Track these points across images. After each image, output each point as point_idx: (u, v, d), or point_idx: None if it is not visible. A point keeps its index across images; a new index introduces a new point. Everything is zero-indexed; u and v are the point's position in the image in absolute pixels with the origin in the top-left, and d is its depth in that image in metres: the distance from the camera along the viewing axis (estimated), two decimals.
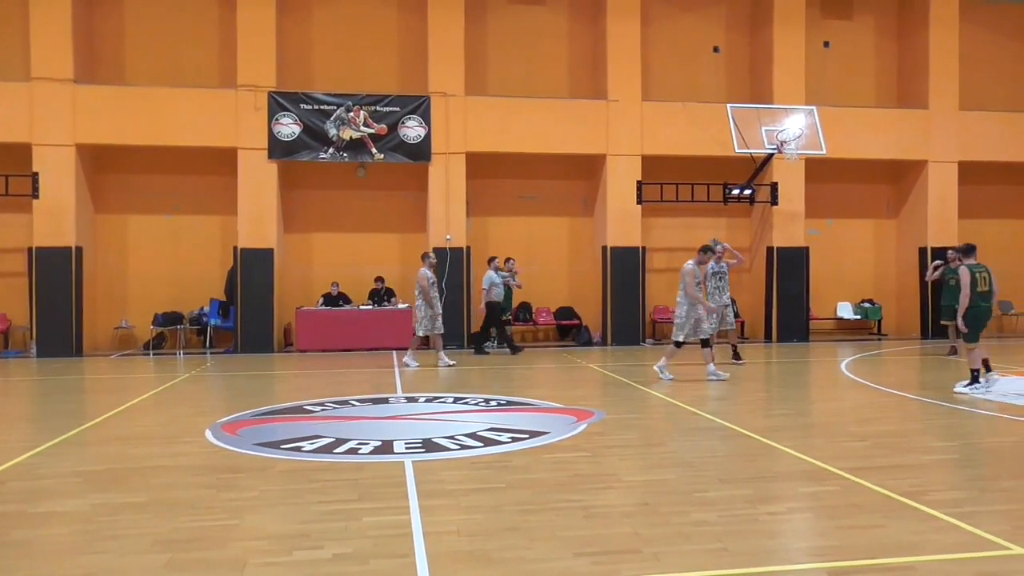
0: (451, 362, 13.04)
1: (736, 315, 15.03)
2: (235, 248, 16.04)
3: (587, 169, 17.70)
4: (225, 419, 8.43)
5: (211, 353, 15.98)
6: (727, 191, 16.84)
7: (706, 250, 11.67)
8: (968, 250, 10.26)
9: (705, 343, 11.26)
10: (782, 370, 12.69)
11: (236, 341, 15.89)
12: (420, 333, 13.11)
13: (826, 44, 18.54)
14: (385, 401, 9.63)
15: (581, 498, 5.40)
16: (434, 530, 4.72)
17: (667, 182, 16.92)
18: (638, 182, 16.87)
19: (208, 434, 7.61)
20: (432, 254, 13.51)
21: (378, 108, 16.28)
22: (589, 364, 13.63)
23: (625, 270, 16.91)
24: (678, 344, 11.31)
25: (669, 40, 18.05)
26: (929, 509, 5.09)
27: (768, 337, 17.52)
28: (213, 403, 10.25)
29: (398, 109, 16.34)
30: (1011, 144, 18.39)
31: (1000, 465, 6.50)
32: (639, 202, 16.90)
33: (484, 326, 15.67)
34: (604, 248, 17.09)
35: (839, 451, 6.89)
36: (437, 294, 13.17)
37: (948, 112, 18.07)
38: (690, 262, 11.24)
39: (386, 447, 6.97)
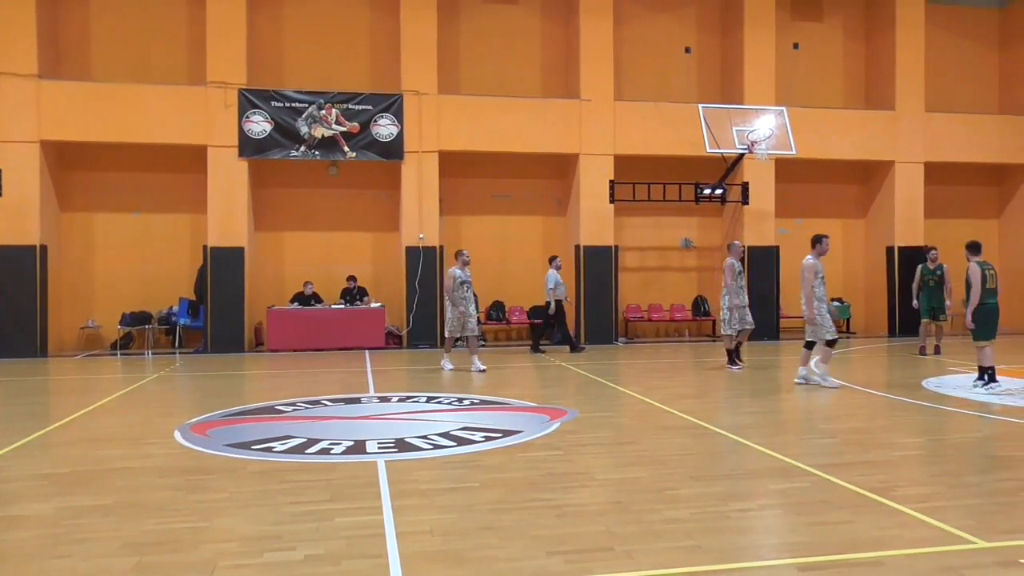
0: (483, 367, 12.30)
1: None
2: (205, 247, 15.86)
3: (560, 168, 17.74)
4: (194, 420, 8.33)
5: (180, 353, 15.78)
6: (699, 191, 16.97)
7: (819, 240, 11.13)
8: (975, 247, 10.35)
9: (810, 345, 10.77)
10: (753, 368, 12.81)
11: (206, 341, 15.71)
12: (446, 334, 12.84)
13: (796, 46, 18.74)
14: (357, 401, 9.58)
15: (554, 497, 5.41)
16: (407, 530, 4.70)
17: (639, 181, 17.01)
18: (611, 181, 16.94)
19: (177, 435, 7.51)
20: (466, 252, 12.76)
21: (350, 106, 16.18)
22: (562, 363, 13.66)
23: (598, 269, 16.97)
24: (830, 343, 10.66)
25: (641, 40, 18.14)
26: (897, 505, 5.16)
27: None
28: (182, 404, 10.12)
29: (371, 107, 16.25)
30: (976, 145, 18.74)
31: (965, 461, 6.61)
32: (612, 201, 16.97)
33: (548, 325, 15.55)
34: (577, 247, 17.15)
35: (809, 448, 6.97)
36: (469, 294, 12.52)
37: (914, 114, 18.36)
38: (810, 257, 10.85)
39: (358, 447, 6.93)
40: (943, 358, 13.76)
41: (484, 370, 12.19)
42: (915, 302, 14.37)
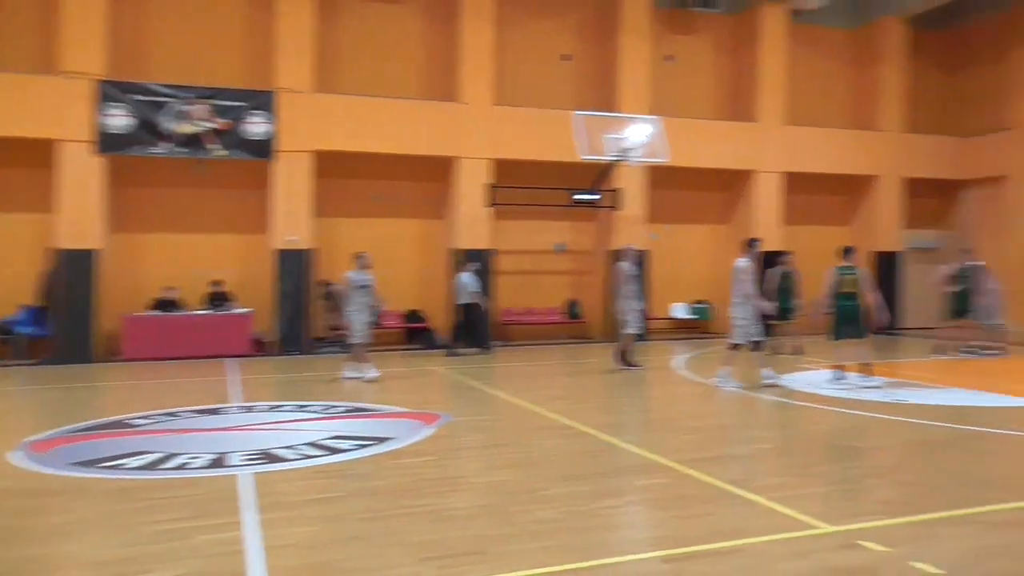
0: (355, 374, 11.73)
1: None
2: (52, 249, 14.75)
3: (438, 171, 17.65)
4: (35, 437, 7.69)
5: (22, 365, 14.62)
6: (573, 196, 17.28)
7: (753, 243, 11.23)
8: (843, 252, 11.11)
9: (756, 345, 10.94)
10: (621, 368, 13.16)
11: (53, 351, 14.61)
12: (354, 341, 11.90)
13: (669, 58, 19.45)
14: (220, 412, 9.17)
15: (427, 502, 5.36)
16: (273, 544, 4.54)
17: (516, 186, 17.17)
18: (489, 185, 17.01)
19: (13, 455, 6.90)
20: (366, 255, 12.09)
21: (220, 102, 15.50)
22: (435, 368, 13.60)
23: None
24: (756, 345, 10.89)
25: (521, 46, 18.31)
26: (753, 495, 5.42)
27: (610, 338, 18.12)
28: (21, 420, 9.38)
29: (241, 103, 15.62)
30: (830, 157, 19.98)
31: (814, 452, 7.04)
32: (489, 205, 17.04)
33: (468, 326, 15.60)
34: (454, 251, 17.12)
35: (674, 444, 7.22)
36: (366, 299, 11.77)
37: (774, 126, 19.40)
38: (743, 260, 10.90)
39: (220, 460, 6.63)
40: (791, 356, 14.59)
41: (358, 378, 11.78)
42: (770, 304, 15.08)
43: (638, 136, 16.48)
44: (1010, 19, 20.48)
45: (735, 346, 10.89)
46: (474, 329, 15.83)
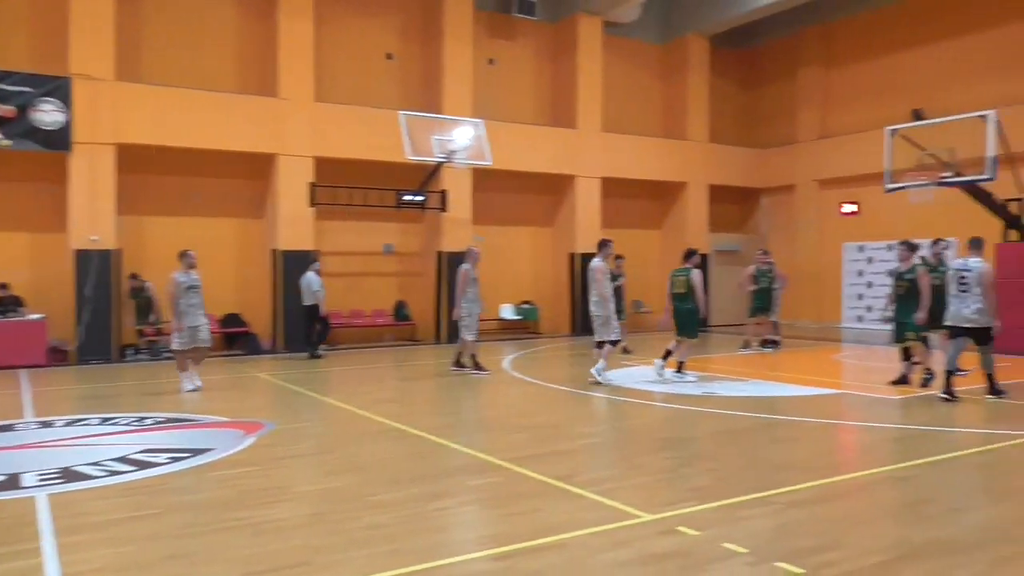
0: (199, 384, 10.87)
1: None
2: None
3: (257, 168, 16.93)
4: None
5: None
6: (399, 197, 17.18)
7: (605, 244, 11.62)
8: (688, 255, 11.67)
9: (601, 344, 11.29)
10: (451, 369, 13.23)
11: None
12: (174, 347, 10.90)
13: (491, 61, 19.78)
14: (10, 428, 8.29)
15: (250, 514, 5.13)
16: (75, 570, 4.16)
17: (341, 185, 16.81)
18: (311, 184, 16.53)
19: None
20: (191, 253, 11.10)
21: (4, 86, 14.02)
22: (258, 373, 13.04)
23: (297, 274, 16.40)
24: (614, 343, 11.33)
25: (343, 43, 17.94)
26: (578, 490, 5.62)
27: (438, 339, 18.19)
28: None
29: (30, 89, 14.20)
30: (644, 164, 21.16)
31: (633, 445, 7.41)
32: (312, 204, 16.56)
33: (326, 327, 15.45)
34: (275, 251, 16.49)
35: (503, 444, 7.35)
36: (197, 300, 10.84)
37: (593, 133, 20.27)
38: (597, 260, 11.27)
39: (12, 481, 6.00)
40: (620, 354, 15.28)
41: (199, 388, 10.84)
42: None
43: (463, 138, 16.65)
44: (797, 42, 22.61)
45: (600, 344, 11.27)
46: (313, 331, 15.48)
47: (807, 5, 20.10)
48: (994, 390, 9.36)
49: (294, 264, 16.28)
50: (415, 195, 17.15)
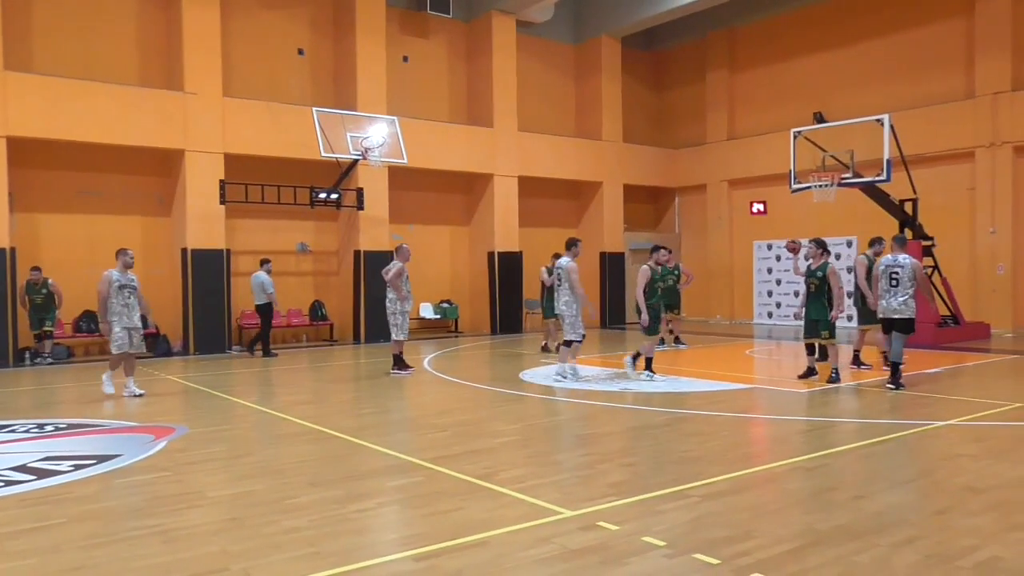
0: (140, 390, 10.26)
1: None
2: None
3: (163, 165, 16.34)
4: None
5: None
6: (314, 194, 16.87)
7: (572, 244, 11.54)
8: (655, 249, 11.68)
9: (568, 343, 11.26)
10: (372, 370, 13.09)
11: None
12: (113, 351, 10.37)
13: (405, 59, 19.63)
14: None
15: (160, 522, 4.95)
16: None
17: (252, 183, 16.38)
18: (221, 181, 16.04)
19: None
20: (129, 252, 10.56)
21: None
22: (168, 376, 12.59)
23: (208, 274, 15.96)
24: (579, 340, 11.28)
25: (252, 36, 17.47)
26: (499, 487, 5.64)
27: (357, 338, 17.95)
28: None
29: None
30: (560, 163, 21.39)
31: (553, 442, 7.48)
32: (222, 202, 16.08)
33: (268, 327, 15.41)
34: (184, 250, 15.94)
35: (423, 443, 7.31)
36: (133, 300, 10.29)
37: (509, 132, 20.36)
38: (567, 259, 11.21)
39: None
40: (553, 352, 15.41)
41: (141, 394, 10.19)
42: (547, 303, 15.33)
43: (378, 136, 16.47)
44: (705, 45, 23.28)
45: (568, 342, 11.30)
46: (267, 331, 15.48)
47: (714, 10, 20.73)
48: (895, 381, 9.84)
49: (204, 263, 15.80)
50: (330, 193, 16.87)
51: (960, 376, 11.20)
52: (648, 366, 11.16)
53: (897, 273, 9.83)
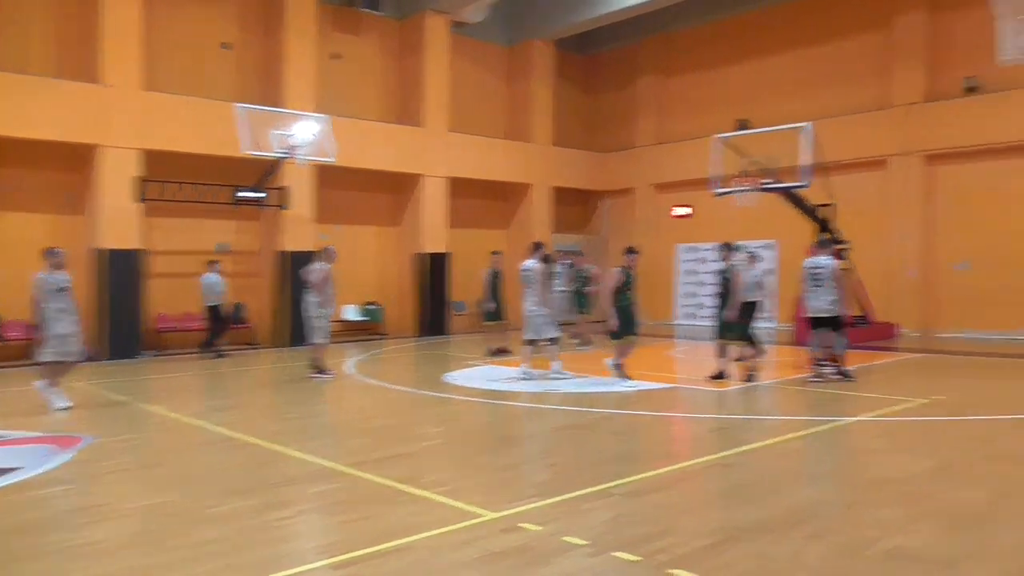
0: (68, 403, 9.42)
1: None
2: None
3: (75, 160, 15.62)
4: None
5: None
6: (236, 193, 16.40)
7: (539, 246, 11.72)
8: (630, 251, 11.52)
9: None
10: (293, 374, 12.81)
11: None
12: (45, 358, 9.39)
13: (336, 56, 19.30)
14: None
15: (63, 537, 4.72)
16: None
17: (172, 180, 15.84)
18: (138, 178, 15.46)
19: None
20: (59, 251, 9.61)
21: None
22: (75, 382, 12.04)
23: (122, 275, 15.33)
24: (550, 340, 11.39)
25: (174, 29, 16.89)
26: (422, 491, 5.58)
27: (279, 342, 17.53)
28: None
29: None
30: (490, 165, 21.31)
31: (476, 444, 7.45)
32: (140, 200, 15.50)
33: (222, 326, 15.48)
34: (96, 250, 15.30)
35: (344, 449, 7.19)
36: (70, 304, 9.45)
37: (439, 132, 20.22)
38: (532, 261, 11.39)
39: None
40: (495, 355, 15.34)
41: (64, 407, 9.37)
42: (491, 304, 15.14)
43: (305, 133, 16.15)
44: (636, 51, 23.63)
45: (531, 341, 11.37)
46: (218, 332, 15.51)
47: (647, 16, 21.05)
48: (841, 371, 10.47)
49: (118, 264, 15.22)
50: (253, 192, 16.45)
51: (870, 373, 11.63)
52: (621, 371, 10.74)
53: (819, 274, 10.26)
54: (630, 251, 11.55)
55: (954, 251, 17.49)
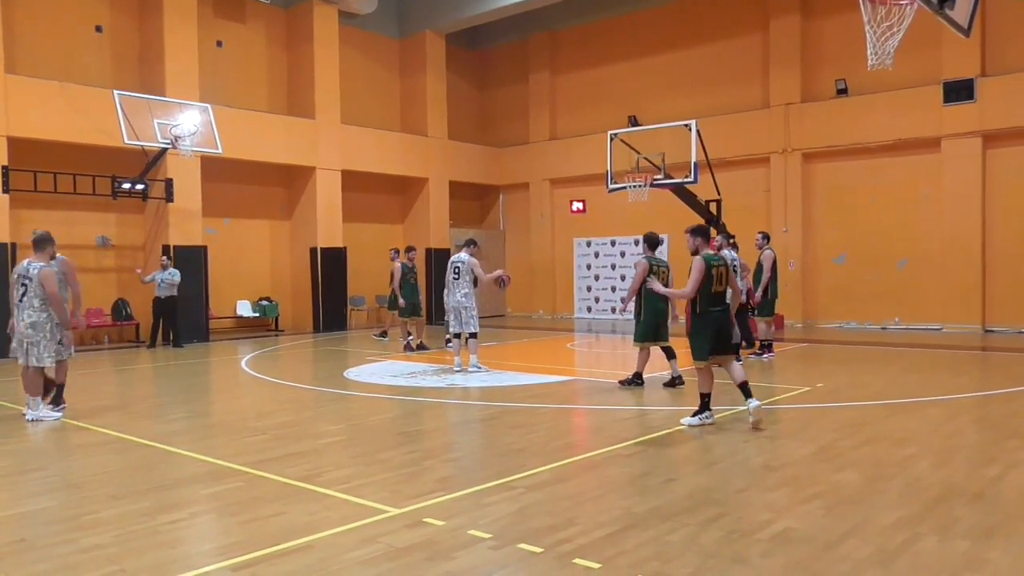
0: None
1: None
2: None
3: None
4: None
5: None
6: (116, 185, 15.59)
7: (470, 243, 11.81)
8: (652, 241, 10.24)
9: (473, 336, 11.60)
10: (182, 372, 12.30)
11: None
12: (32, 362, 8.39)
13: (219, 43, 18.60)
14: None
15: None
16: None
17: (44, 170, 14.90)
18: (4, 167, 14.46)
19: None
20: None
21: None
22: None
23: None
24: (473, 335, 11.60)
25: (42, 9, 15.87)
26: (323, 489, 5.48)
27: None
28: None
29: None
30: (384, 158, 21.09)
31: (377, 440, 7.36)
32: (6, 191, 14.51)
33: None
34: None
35: (240, 447, 6.96)
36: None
37: (332, 124, 19.82)
38: (465, 255, 11.49)
39: None
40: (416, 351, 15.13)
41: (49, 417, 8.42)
42: (401, 301, 14.72)
43: (189, 123, 15.51)
44: (527, 47, 23.84)
45: (473, 335, 11.53)
46: (173, 326, 15.95)
47: (535, 12, 21.25)
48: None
49: None
50: (135, 184, 15.68)
51: (757, 363, 12.17)
52: (637, 379, 9.89)
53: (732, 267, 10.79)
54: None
55: (831, 246, 18.52)
